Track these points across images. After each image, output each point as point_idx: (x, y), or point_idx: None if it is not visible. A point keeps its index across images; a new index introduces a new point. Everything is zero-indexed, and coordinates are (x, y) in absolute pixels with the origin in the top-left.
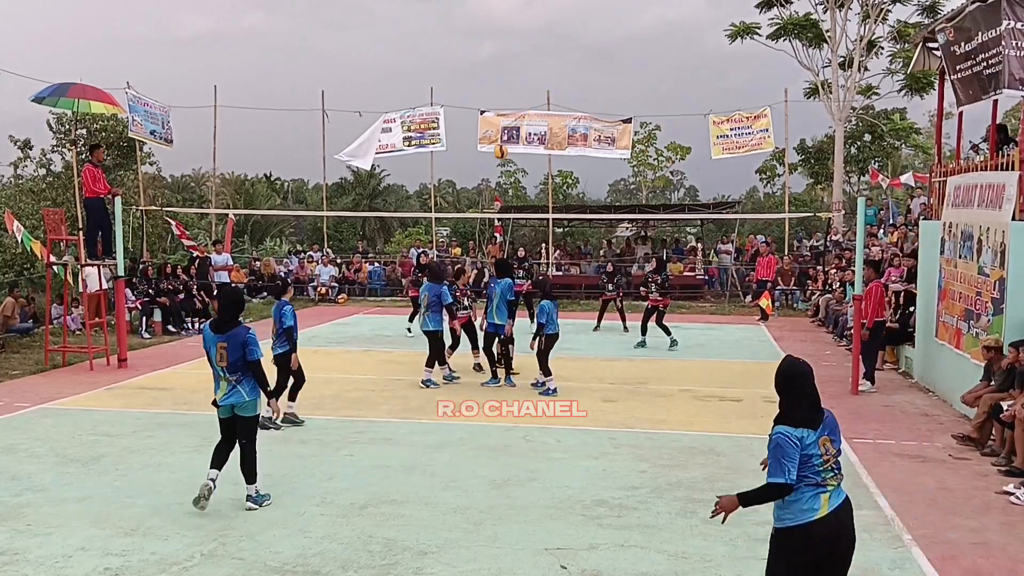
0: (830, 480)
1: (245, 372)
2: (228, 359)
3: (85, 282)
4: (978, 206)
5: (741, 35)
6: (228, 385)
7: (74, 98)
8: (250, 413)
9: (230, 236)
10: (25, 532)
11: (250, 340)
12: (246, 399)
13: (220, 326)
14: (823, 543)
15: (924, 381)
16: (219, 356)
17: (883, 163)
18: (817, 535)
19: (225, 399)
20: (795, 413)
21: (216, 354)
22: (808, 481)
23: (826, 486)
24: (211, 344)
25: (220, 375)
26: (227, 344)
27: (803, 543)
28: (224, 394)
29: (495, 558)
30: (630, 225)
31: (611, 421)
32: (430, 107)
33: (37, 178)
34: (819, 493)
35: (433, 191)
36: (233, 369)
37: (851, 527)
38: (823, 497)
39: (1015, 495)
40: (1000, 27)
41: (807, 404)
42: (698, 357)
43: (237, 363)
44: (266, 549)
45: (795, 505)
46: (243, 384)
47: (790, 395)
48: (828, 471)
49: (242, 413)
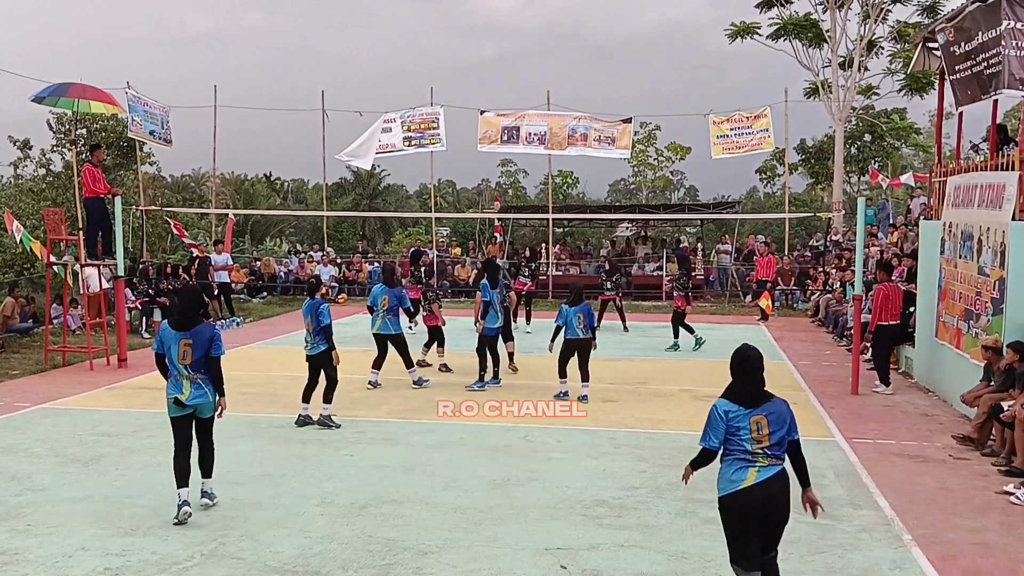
0: (760, 458)
1: (207, 370)
2: (192, 356)
3: (86, 282)
4: (978, 206)
5: (741, 35)
6: (192, 384)
7: (74, 98)
8: (210, 414)
9: (230, 236)
10: (25, 532)
11: (216, 336)
12: (210, 399)
13: (183, 324)
14: (750, 511)
15: (924, 381)
16: (182, 353)
17: (883, 163)
18: (743, 504)
19: (193, 399)
20: (735, 390)
21: (179, 351)
22: (736, 455)
23: (755, 462)
24: (173, 341)
25: (181, 373)
26: (192, 341)
27: (732, 510)
28: (190, 394)
29: (495, 558)
30: (630, 225)
31: (611, 421)
32: (430, 107)
33: (37, 178)
34: (747, 467)
35: (433, 191)
36: (197, 367)
37: (781, 499)
38: (751, 471)
39: (1015, 495)
40: (1000, 27)
41: (749, 385)
42: (698, 357)
43: (201, 360)
44: (266, 549)
45: (724, 476)
46: (208, 382)
47: (736, 375)
48: (760, 450)
49: (205, 415)
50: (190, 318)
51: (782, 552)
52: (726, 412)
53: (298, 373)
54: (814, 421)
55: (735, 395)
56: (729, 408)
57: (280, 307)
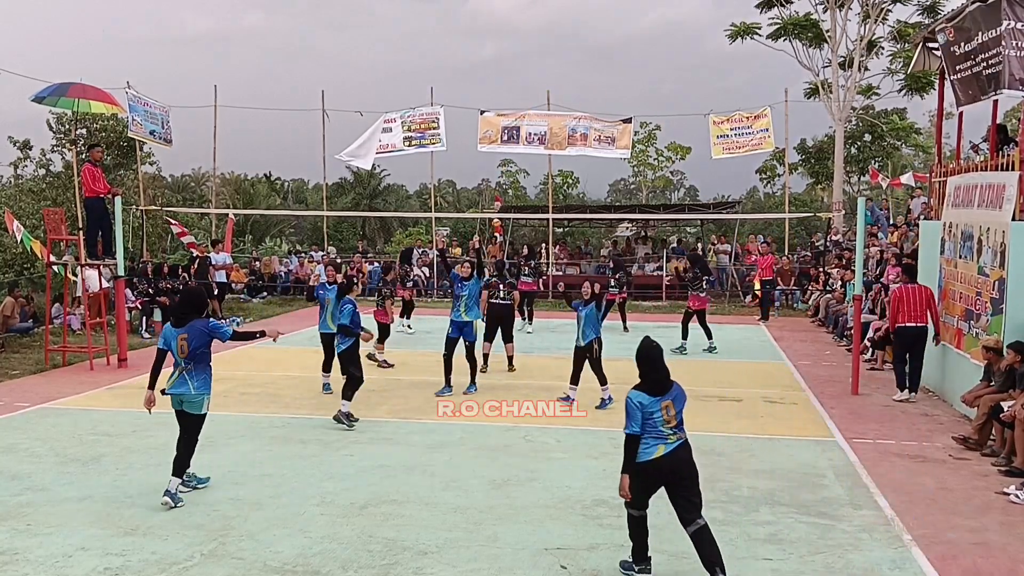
0: (670, 435)
1: (199, 363)
2: (188, 348)
3: (85, 282)
4: (978, 206)
5: (741, 35)
6: (179, 376)
7: (74, 98)
8: (195, 411)
9: (230, 236)
10: (25, 532)
11: (212, 325)
12: (192, 392)
13: (179, 321)
14: (662, 473)
15: (924, 381)
16: (180, 348)
17: (883, 163)
18: (651, 471)
19: (174, 388)
20: (645, 382)
21: (177, 346)
22: (651, 434)
23: (666, 439)
24: (172, 338)
25: (178, 365)
26: (187, 335)
27: (641, 474)
28: (173, 383)
29: (495, 558)
30: (630, 225)
31: (611, 421)
32: (430, 107)
33: (37, 178)
34: (659, 443)
35: (433, 191)
36: (190, 357)
37: (688, 460)
38: (660, 446)
39: (1015, 495)
40: (1000, 27)
41: (655, 374)
42: (698, 357)
43: (196, 350)
44: (266, 549)
45: (643, 449)
46: (193, 377)
47: (643, 368)
48: (669, 429)
49: (188, 409)
50: (184, 316)
51: (782, 552)
52: (640, 403)
53: (298, 373)
54: (814, 421)
55: (646, 386)
56: (643, 399)
57: (280, 307)
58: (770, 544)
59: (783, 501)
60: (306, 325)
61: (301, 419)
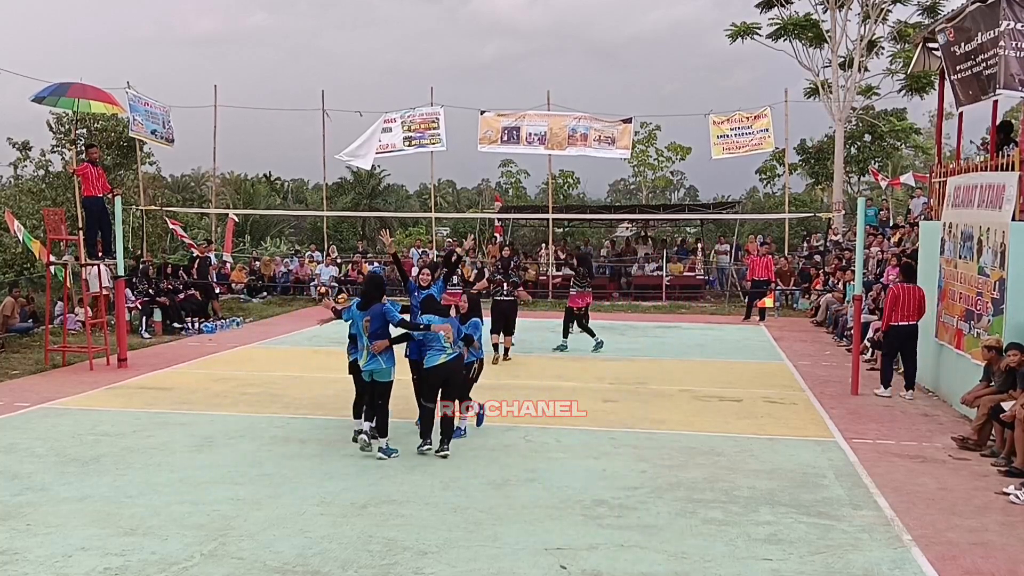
0: (448, 348)
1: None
2: (370, 329)
3: (87, 282)
4: (978, 206)
5: (741, 35)
6: (368, 354)
7: (74, 98)
8: (385, 379)
9: (230, 236)
10: (25, 532)
11: (387, 309)
12: (382, 366)
13: (364, 305)
14: (437, 377)
15: (924, 381)
16: (364, 328)
17: (883, 163)
18: (434, 374)
19: (367, 365)
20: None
21: (362, 326)
22: (434, 348)
23: (445, 350)
24: (358, 319)
25: (364, 344)
26: (370, 317)
27: (427, 378)
28: (366, 361)
29: (495, 558)
30: (630, 225)
31: (611, 421)
32: (430, 107)
33: (36, 178)
34: (439, 354)
35: (433, 191)
36: (374, 337)
37: (456, 371)
38: (442, 356)
39: (1015, 495)
40: (1000, 27)
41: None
42: (698, 357)
43: (378, 332)
44: (266, 549)
45: (428, 356)
46: (382, 354)
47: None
48: (448, 345)
49: (379, 378)
50: (369, 299)
51: (782, 552)
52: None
53: (298, 373)
54: (814, 421)
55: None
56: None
57: (280, 307)
58: (770, 544)
59: (783, 501)
60: (308, 325)
61: (301, 419)
